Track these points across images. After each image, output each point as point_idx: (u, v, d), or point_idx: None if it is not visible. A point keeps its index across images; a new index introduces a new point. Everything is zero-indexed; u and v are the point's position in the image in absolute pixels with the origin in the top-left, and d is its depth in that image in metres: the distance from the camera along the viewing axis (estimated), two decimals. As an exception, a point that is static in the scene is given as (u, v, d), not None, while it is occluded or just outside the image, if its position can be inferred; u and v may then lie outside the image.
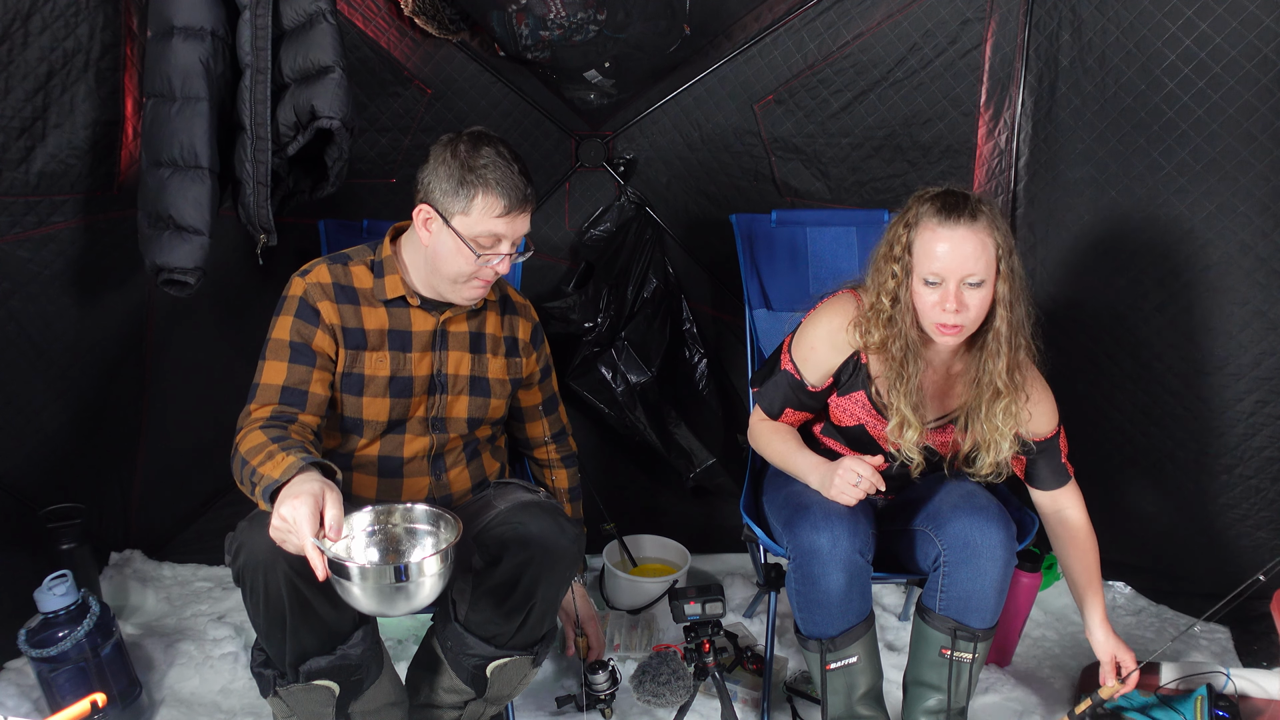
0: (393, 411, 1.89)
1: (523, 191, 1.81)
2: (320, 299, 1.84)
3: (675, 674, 2.02)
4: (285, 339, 1.82)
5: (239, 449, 1.67)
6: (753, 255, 2.54)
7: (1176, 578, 2.66)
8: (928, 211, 1.82)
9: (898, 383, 1.90)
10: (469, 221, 1.80)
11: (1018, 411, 1.90)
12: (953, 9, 2.51)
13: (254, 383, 1.81)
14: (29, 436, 2.33)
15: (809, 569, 1.87)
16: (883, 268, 1.89)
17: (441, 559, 1.50)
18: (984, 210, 1.81)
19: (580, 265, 2.86)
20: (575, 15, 2.41)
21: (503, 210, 1.79)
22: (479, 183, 1.78)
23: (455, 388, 1.95)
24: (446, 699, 1.87)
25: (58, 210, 2.20)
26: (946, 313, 1.80)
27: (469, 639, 1.80)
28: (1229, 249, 2.26)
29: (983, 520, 1.89)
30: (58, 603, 2.10)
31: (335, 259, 1.91)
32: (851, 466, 1.85)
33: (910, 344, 1.88)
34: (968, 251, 1.77)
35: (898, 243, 1.86)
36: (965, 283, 1.79)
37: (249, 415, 1.76)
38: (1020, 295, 1.85)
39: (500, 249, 1.83)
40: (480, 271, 1.83)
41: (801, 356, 2.02)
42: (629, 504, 2.94)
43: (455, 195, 1.80)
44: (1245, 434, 2.37)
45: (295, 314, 1.83)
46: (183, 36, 2.04)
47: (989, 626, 1.93)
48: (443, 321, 1.93)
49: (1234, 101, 2.16)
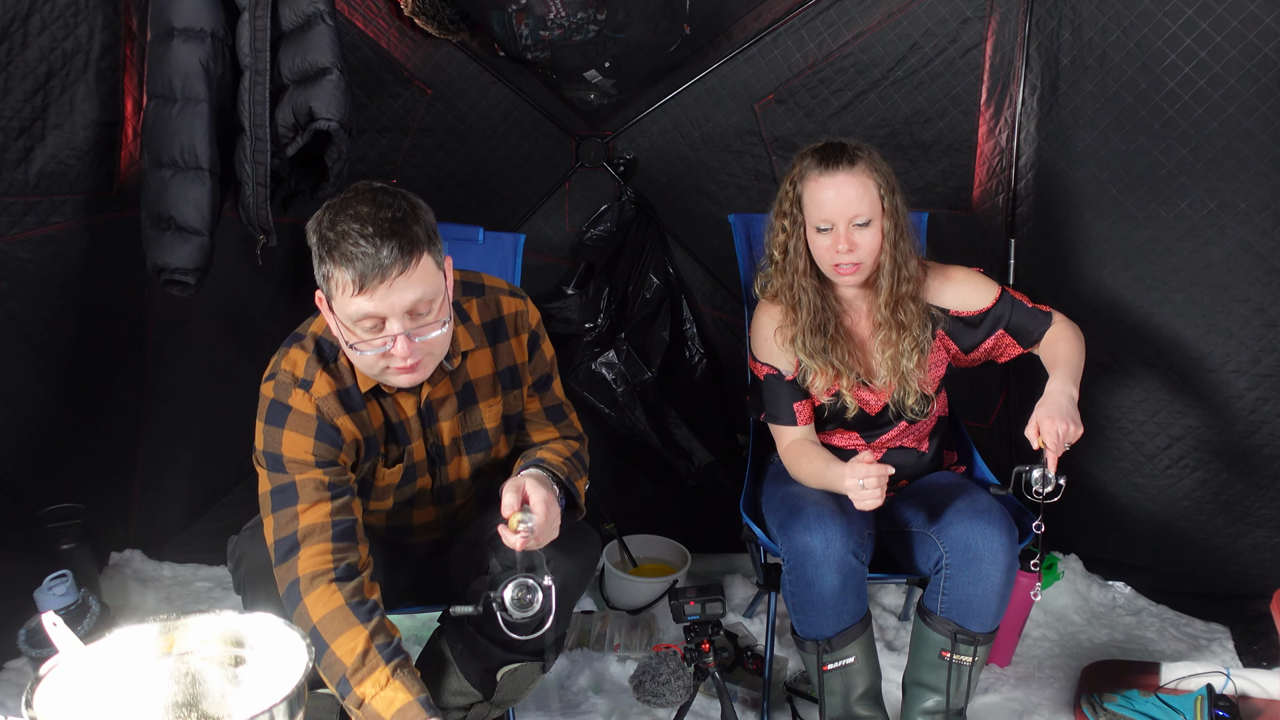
0: (397, 499, 1.81)
1: (373, 258, 1.45)
2: (337, 415, 1.62)
3: (675, 674, 2.02)
4: (308, 459, 1.60)
5: (305, 602, 1.51)
6: (751, 255, 2.54)
7: (1176, 577, 2.66)
8: (810, 164, 1.96)
9: (795, 330, 2.01)
10: (338, 305, 1.52)
11: (898, 341, 2.00)
12: (953, 8, 2.51)
13: (280, 485, 1.59)
14: (29, 437, 2.33)
15: (803, 571, 1.87)
16: (774, 224, 2.06)
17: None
18: (861, 155, 1.94)
19: (580, 265, 2.85)
20: (575, 15, 2.41)
21: (354, 287, 1.47)
22: (329, 257, 1.49)
23: (453, 454, 1.79)
24: (452, 701, 1.85)
25: (57, 210, 2.20)
26: (841, 254, 1.94)
27: (480, 642, 1.77)
28: (1229, 246, 2.26)
29: (984, 523, 1.89)
30: (58, 603, 2.11)
31: (322, 356, 1.65)
32: (851, 474, 1.82)
33: (803, 290, 2.01)
34: (850, 195, 1.92)
35: (785, 198, 2.02)
36: (853, 224, 1.93)
37: (299, 520, 1.56)
38: (905, 231, 1.98)
39: (390, 329, 1.51)
40: (388, 360, 1.55)
41: (763, 351, 2.09)
42: (629, 504, 2.94)
43: (318, 270, 1.54)
44: (1245, 431, 2.37)
45: (315, 436, 1.60)
46: (183, 38, 2.05)
47: (990, 630, 1.92)
48: (425, 399, 1.71)
49: (1234, 100, 2.16)
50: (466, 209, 2.74)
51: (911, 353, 2.01)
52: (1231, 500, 2.45)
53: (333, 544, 1.55)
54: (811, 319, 2.01)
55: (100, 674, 1.17)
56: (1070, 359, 1.96)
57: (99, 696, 1.16)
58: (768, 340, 2.07)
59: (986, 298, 2.06)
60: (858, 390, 2.05)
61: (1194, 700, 2.10)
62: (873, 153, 1.96)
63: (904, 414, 2.07)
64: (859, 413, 2.08)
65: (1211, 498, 2.47)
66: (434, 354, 1.60)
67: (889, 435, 2.12)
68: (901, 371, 2.02)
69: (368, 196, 1.52)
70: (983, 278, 2.09)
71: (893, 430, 2.11)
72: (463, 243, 2.35)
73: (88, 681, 1.15)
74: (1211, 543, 2.52)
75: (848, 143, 1.97)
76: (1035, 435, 1.81)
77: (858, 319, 2.09)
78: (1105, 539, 2.73)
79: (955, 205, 2.69)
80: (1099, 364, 2.51)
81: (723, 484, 2.86)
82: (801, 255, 2.01)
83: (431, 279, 1.53)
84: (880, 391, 2.06)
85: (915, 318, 2.01)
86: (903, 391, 2.04)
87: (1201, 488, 2.47)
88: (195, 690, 1.25)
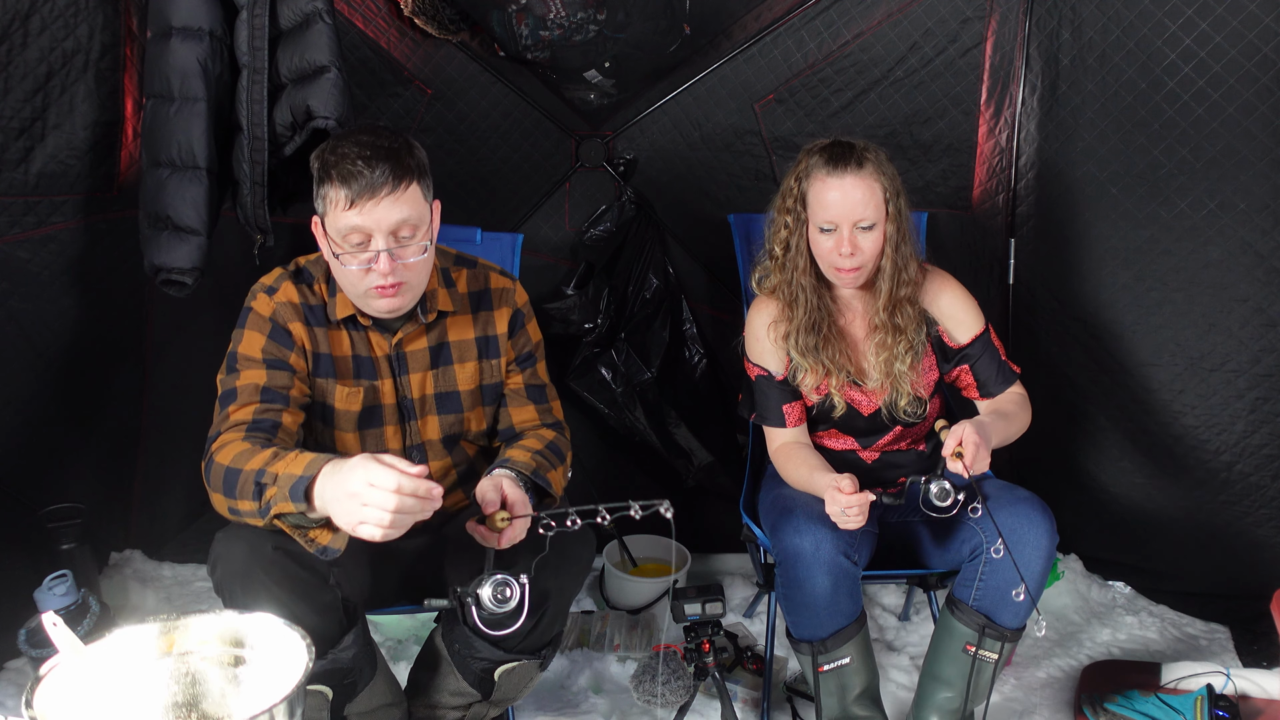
0: (364, 444, 1.82)
1: (368, 178, 1.59)
2: (291, 319, 1.74)
3: (675, 674, 2.02)
4: (258, 356, 1.71)
5: (217, 459, 1.56)
6: (750, 255, 2.54)
7: (1176, 577, 2.66)
8: (817, 163, 1.93)
9: (789, 327, 2.00)
10: (330, 220, 1.65)
11: (893, 345, 1.98)
12: (953, 7, 2.51)
13: (228, 389, 1.69)
14: (29, 437, 2.33)
15: (793, 573, 1.86)
16: (776, 219, 2.03)
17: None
18: (869, 157, 1.91)
19: (580, 265, 2.85)
20: (575, 15, 2.41)
21: (346, 202, 1.61)
22: (326, 176, 1.64)
23: (422, 410, 1.84)
24: (450, 700, 1.85)
25: (57, 211, 2.20)
26: (843, 256, 1.92)
27: (477, 642, 1.77)
28: (1229, 246, 2.26)
29: (1028, 509, 1.86)
30: (58, 603, 2.11)
31: (299, 276, 1.79)
32: (831, 504, 1.81)
33: (801, 288, 1.99)
34: (857, 198, 1.89)
35: (790, 195, 1.99)
36: (857, 227, 1.91)
37: (227, 418, 1.65)
38: (907, 234, 1.96)
39: (374, 245, 1.63)
40: (369, 277, 1.65)
41: (755, 352, 2.08)
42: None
43: (316, 194, 1.68)
44: (1245, 431, 2.37)
45: (268, 335, 1.72)
46: (181, 37, 2.05)
47: (1019, 626, 1.90)
48: (396, 343, 1.80)
49: (1234, 100, 2.17)
50: (467, 209, 2.75)
51: (905, 355, 2.00)
52: (1231, 500, 2.45)
53: (246, 431, 1.62)
54: (807, 317, 2.00)
55: (100, 674, 1.16)
56: (1007, 431, 1.96)
57: (99, 696, 1.15)
58: (760, 339, 2.06)
59: (968, 333, 2.04)
60: (848, 390, 2.04)
61: (1194, 700, 2.09)
62: (880, 154, 1.94)
63: (897, 417, 2.06)
64: (854, 416, 2.07)
65: (1211, 498, 2.47)
66: (413, 283, 1.70)
67: (885, 440, 2.11)
68: (894, 374, 2.01)
69: (369, 129, 1.67)
70: (974, 308, 2.05)
71: (888, 434, 2.10)
72: (461, 244, 2.34)
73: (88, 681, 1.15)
74: (1211, 543, 2.52)
75: (856, 143, 1.94)
76: (955, 443, 1.75)
77: (852, 319, 2.08)
78: (1105, 539, 2.73)
79: (955, 205, 2.69)
80: (1098, 364, 2.52)
81: (723, 484, 2.86)
82: (802, 253, 2.00)
83: (418, 206, 1.66)
84: (872, 393, 2.05)
85: (911, 320, 2.00)
86: (895, 394, 2.03)
87: (1201, 488, 2.47)
88: (195, 690, 1.25)
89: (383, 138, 1.65)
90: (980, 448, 1.75)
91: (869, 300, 2.04)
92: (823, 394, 2.04)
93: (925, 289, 2.04)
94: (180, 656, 1.24)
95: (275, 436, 1.65)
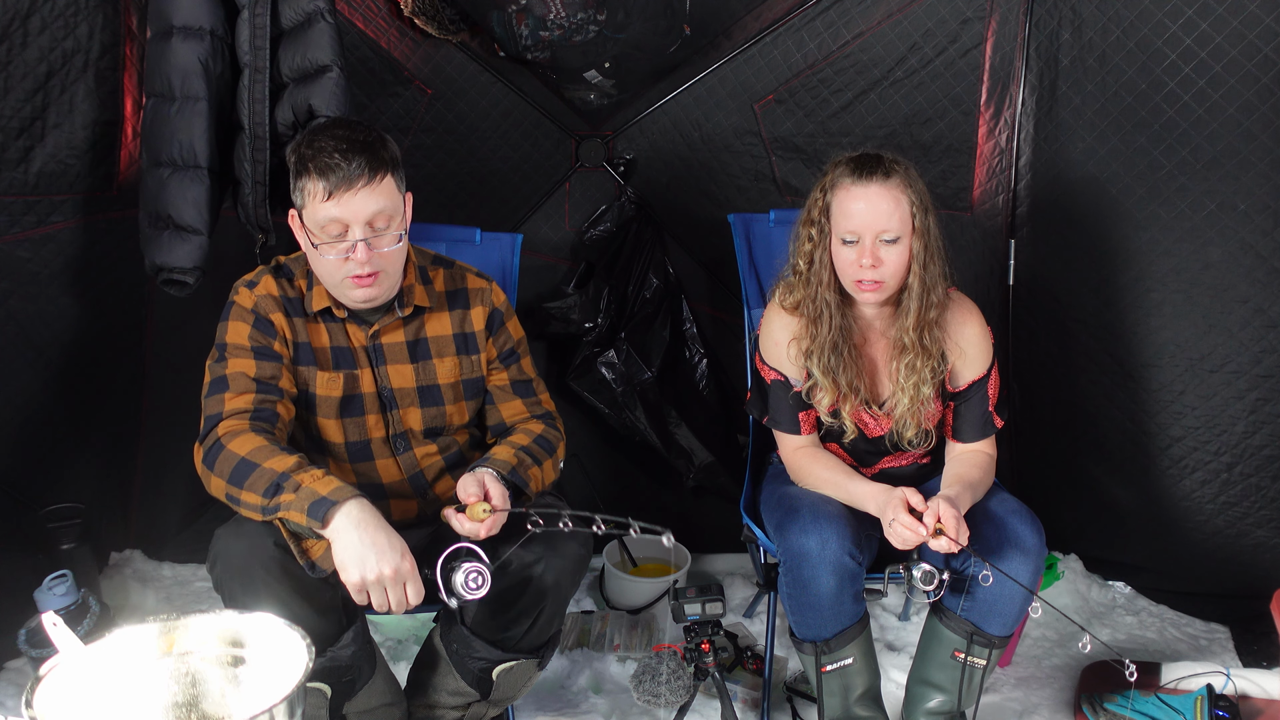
0: (347, 433, 1.84)
1: (345, 170, 1.65)
2: (272, 310, 1.79)
3: (675, 674, 2.02)
4: (245, 344, 1.76)
5: (229, 446, 1.61)
6: (751, 255, 2.53)
7: (1176, 577, 2.66)
8: (843, 173, 1.87)
9: (812, 345, 1.93)
10: (308, 212, 1.71)
11: (921, 368, 1.91)
12: (953, 8, 2.51)
13: (217, 375, 1.74)
14: (29, 436, 2.33)
15: (799, 572, 1.85)
16: (800, 232, 1.95)
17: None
18: (898, 169, 1.85)
19: (580, 265, 2.86)
20: (575, 15, 2.41)
21: (324, 194, 1.66)
22: (304, 169, 1.69)
23: (404, 401, 1.87)
24: (449, 700, 1.86)
25: (57, 210, 2.20)
26: (864, 269, 1.84)
27: (475, 642, 1.78)
28: (1230, 247, 2.26)
29: (1017, 522, 1.85)
30: (58, 603, 2.11)
31: (279, 271, 1.85)
32: (899, 533, 1.76)
33: (825, 305, 1.91)
34: (882, 209, 1.82)
35: (815, 206, 1.91)
36: (880, 239, 1.83)
37: (225, 404, 1.69)
38: (935, 254, 1.88)
39: (352, 235, 1.68)
40: (346, 266, 1.71)
41: (773, 357, 2.02)
42: (629, 504, 2.93)
43: (294, 187, 1.72)
44: (1246, 432, 2.37)
45: (253, 325, 1.77)
46: (182, 36, 2.05)
47: (1007, 635, 1.90)
48: (373, 334, 1.84)
49: (1234, 100, 2.16)
50: (466, 209, 2.75)
51: (931, 380, 1.92)
52: (1231, 500, 2.45)
53: (251, 421, 1.68)
54: (830, 336, 1.92)
55: (100, 674, 1.17)
56: (971, 503, 1.89)
57: (99, 696, 1.16)
58: (780, 347, 1.99)
59: (973, 373, 1.97)
60: (859, 413, 1.99)
61: (1194, 700, 2.10)
62: (910, 169, 1.87)
63: (900, 445, 2.01)
64: (860, 439, 2.02)
65: (1211, 498, 2.47)
66: (389, 272, 1.76)
67: (882, 462, 2.08)
68: (922, 398, 1.92)
69: (342, 123, 1.76)
70: (988, 349, 1.98)
71: (888, 456, 2.07)
72: (460, 244, 2.34)
73: (88, 681, 1.15)
74: (1211, 543, 2.52)
75: (884, 155, 1.87)
76: (935, 520, 1.72)
77: (874, 339, 2.00)
78: (1105, 539, 2.73)
79: (955, 206, 2.69)
80: (1098, 364, 2.52)
81: (723, 484, 2.86)
82: (826, 267, 1.90)
83: (393, 197, 1.73)
84: (882, 417, 1.99)
85: (937, 344, 1.92)
86: (904, 424, 1.96)
87: (1202, 488, 2.47)
88: (195, 690, 1.25)
89: (357, 131, 1.71)
90: (959, 520, 1.72)
91: (890, 320, 1.96)
92: (832, 412, 1.98)
93: (951, 315, 1.95)
94: (180, 656, 1.24)
95: (275, 427, 1.71)
